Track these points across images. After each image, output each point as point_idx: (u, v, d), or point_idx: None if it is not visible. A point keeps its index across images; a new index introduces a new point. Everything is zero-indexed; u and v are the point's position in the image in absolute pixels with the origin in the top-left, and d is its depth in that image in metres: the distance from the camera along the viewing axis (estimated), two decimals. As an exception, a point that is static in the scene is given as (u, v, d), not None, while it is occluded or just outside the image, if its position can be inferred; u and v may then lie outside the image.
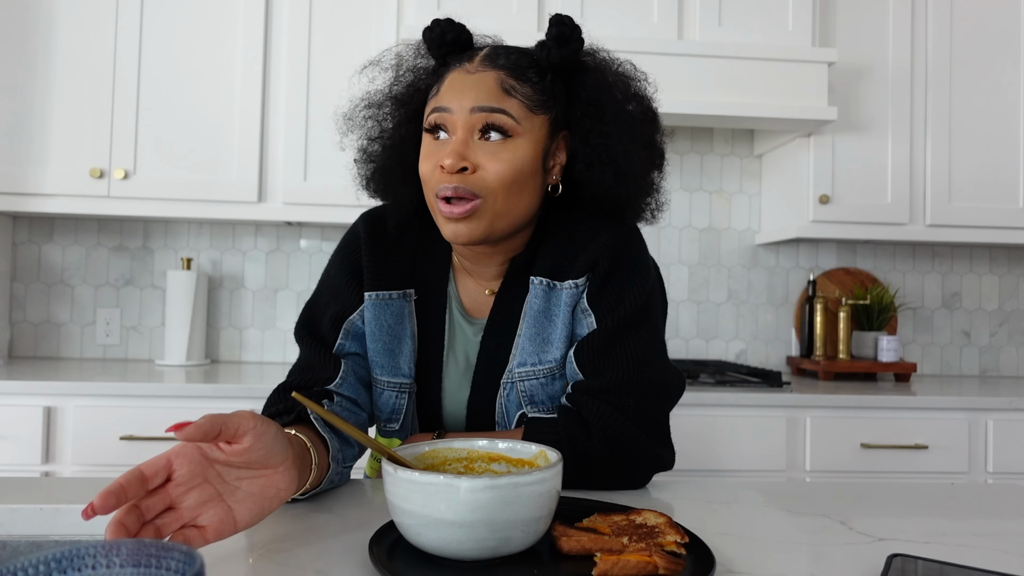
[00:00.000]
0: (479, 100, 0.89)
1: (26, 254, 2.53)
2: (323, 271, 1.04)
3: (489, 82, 0.90)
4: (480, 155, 0.89)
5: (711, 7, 2.33)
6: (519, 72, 0.92)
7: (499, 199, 0.89)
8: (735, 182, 2.74)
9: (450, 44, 0.95)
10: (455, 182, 0.88)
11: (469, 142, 0.89)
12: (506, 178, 0.89)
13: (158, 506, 0.60)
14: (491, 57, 0.93)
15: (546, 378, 0.95)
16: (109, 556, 0.42)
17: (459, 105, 0.89)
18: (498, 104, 0.89)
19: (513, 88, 0.91)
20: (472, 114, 0.89)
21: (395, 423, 0.98)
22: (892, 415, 2.11)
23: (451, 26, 0.96)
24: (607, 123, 0.95)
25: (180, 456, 0.61)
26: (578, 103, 0.95)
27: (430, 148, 0.92)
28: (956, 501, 0.89)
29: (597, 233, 0.96)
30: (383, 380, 0.97)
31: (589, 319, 0.94)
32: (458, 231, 0.90)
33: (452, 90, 0.91)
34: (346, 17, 2.28)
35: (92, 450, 1.94)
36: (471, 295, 1.02)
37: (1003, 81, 2.46)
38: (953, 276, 2.80)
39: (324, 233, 2.61)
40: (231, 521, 0.62)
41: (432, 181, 0.90)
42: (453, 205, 0.88)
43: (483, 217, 0.90)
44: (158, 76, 2.25)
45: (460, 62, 0.94)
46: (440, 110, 0.90)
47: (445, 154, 0.88)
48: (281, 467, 0.66)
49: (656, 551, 0.59)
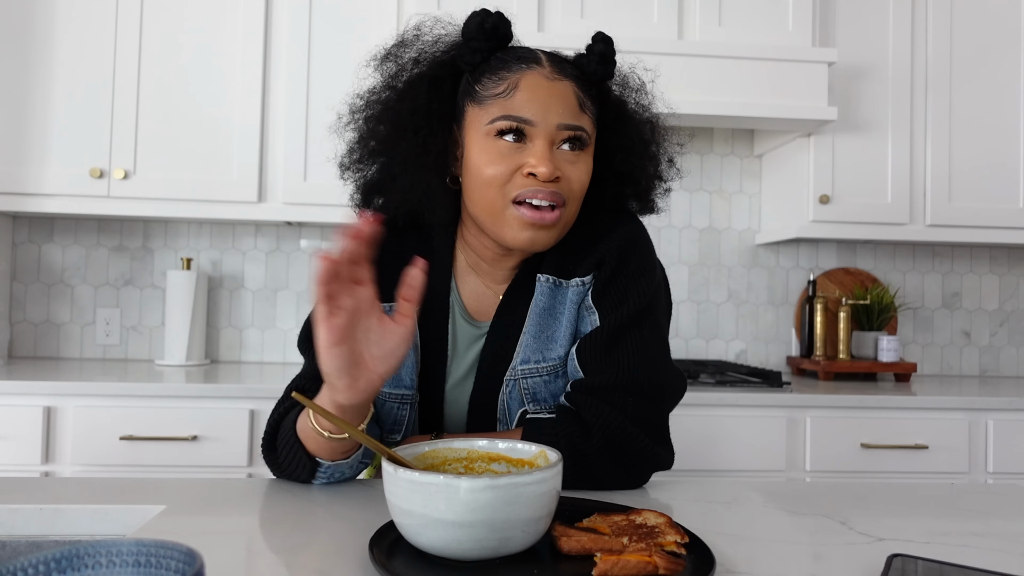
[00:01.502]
0: (564, 117, 0.90)
1: (26, 254, 2.53)
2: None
3: (569, 95, 0.91)
4: (562, 164, 0.90)
5: (711, 7, 2.33)
6: (585, 86, 0.93)
7: (574, 208, 0.92)
8: (735, 182, 2.74)
9: (500, 39, 0.94)
10: (551, 188, 0.88)
11: (552, 150, 0.90)
12: (584, 187, 0.92)
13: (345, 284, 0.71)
14: (558, 64, 0.93)
15: (549, 375, 0.95)
16: (109, 556, 0.42)
17: (544, 118, 0.89)
18: (578, 121, 0.91)
19: (584, 103, 0.92)
20: (557, 129, 0.89)
21: (397, 434, 0.98)
22: (892, 415, 2.11)
23: (503, 21, 0.94)
24: (636, 121, 1.00)
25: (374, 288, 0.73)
26: (608, 106, 0.98)
27: (503, 151, 0.89)
28: (956, 501, 0.89)
29: (605, 232, 0.97)
30: (385, 392, 0.96)
31: (593, 316, 0.95)
32: (539, 238, 0.90)
33: (535, 98, 0.89)
34: (346, 17, 2.28)
35: (92, 450, 1.94)
36: (475, 297, 1.01)
37: (1003, 81, 2.46)
38: (953, 276, 2.80)
39: (324, 233, 2.61)
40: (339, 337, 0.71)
41: (512, 186, 0.89)
42: (544, 212, 0.89)
43: (560, 224, 0.92)
44: (158, 76, 2.25)
45: (527, 62, 0.92)
46: (521, 120, 0.89)
47: (537, 161, 0.87)
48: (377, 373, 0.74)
49: (656, 551, 0.59)
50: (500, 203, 0.90)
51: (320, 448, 0.83)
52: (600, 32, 0.96)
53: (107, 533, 0.79)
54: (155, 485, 0.87)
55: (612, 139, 0.99)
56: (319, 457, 0.84)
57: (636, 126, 1.00)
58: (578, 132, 0.90)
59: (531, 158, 0.88)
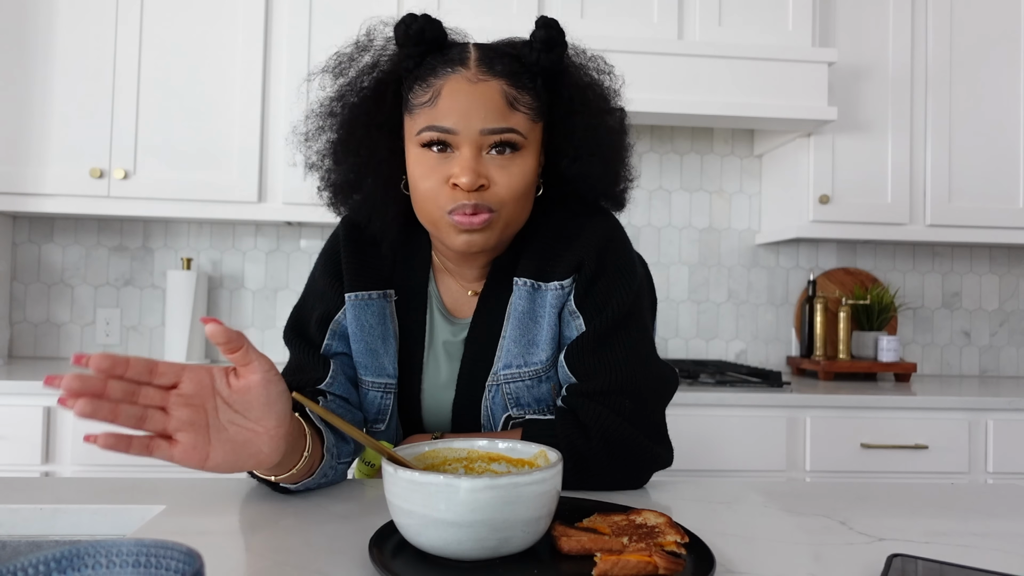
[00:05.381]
0: (488, 121, 0.86)
1: (26, 254, 2.53)
2: (309, 275, 1.04)
3: (494, 96, 0.87)
4: (491, 170, 0.88)
5: (711, 7, 2.33)
6: (518, 80, 0.89)
7: (510, 211, 0.90)
8: (735, 182, 2.74)
9: (429, 43, 0.91)
10: (474, 199, 0.86)
11: (479, 158, 0.87)
12: (517, 191, 0.89)
13: (154, 399, 0.63)
14: (487, 62, 0.89)
15: (532, 380, 0.95)
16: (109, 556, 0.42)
17: (466, 125, 0.86)
18: (506, 123, 0.87)
19: (516, 100, 0.88)
20: (482, 135, 0.87)
21: (381, 423, 0.98)
22: (892, 415, 2.11)
23: (430, 23, 0.90)
24: (591, 116, 0.95)
25: (193, 373, 0.65)
26: (560, 100, 0.94)
27: (431, 163, 0.88)
28: (956, 501, 0.89)
29: (580, 232, 0.96)
30: (367, 380, 0.97)
31: (577, 321, 0.94)
32: (472, 241, 0.89)
33: (455, 106, 0.86)
34: (346, 16, 2.28)
35: (92, 450, 1.94)
36: (452, 295, 1.02)
37: (1003, 81, 2.46)
38: (953, 276, 2.80)
39: (324, 233, 2.61)
40: (203, 455, 0.64)
41: (441, 198, 0.88)
42: (471, 216, 0.87)
43: (495, 228, 0.89)
44: (158, 76, 2.25)
45: (452, 65, 0.88)
46: (443, 130, 0.87)
47: (460, 171, 0.85)
48: (272, 430, 0.68)
49: (656, 551, 0.59)
50: (437, 213, 0.89)
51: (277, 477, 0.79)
52: (543, 16, 0.91)
53: (107, 533, 0.79)
54: (155, 485, 0.87)
55: (561, 136, 0.95)
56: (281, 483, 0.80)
57: (587, 120, 0.94)
58: (505, 135, 0.87)
59: (455, 167, 0.87)
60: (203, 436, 0.64)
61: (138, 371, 0.61)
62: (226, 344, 0.64)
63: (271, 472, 0.77)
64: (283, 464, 0.76)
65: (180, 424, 0.63)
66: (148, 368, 0.62)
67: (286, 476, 0.78)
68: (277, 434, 0.68)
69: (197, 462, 0.64)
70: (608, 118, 0.97)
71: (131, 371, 0.61)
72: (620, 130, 1.00)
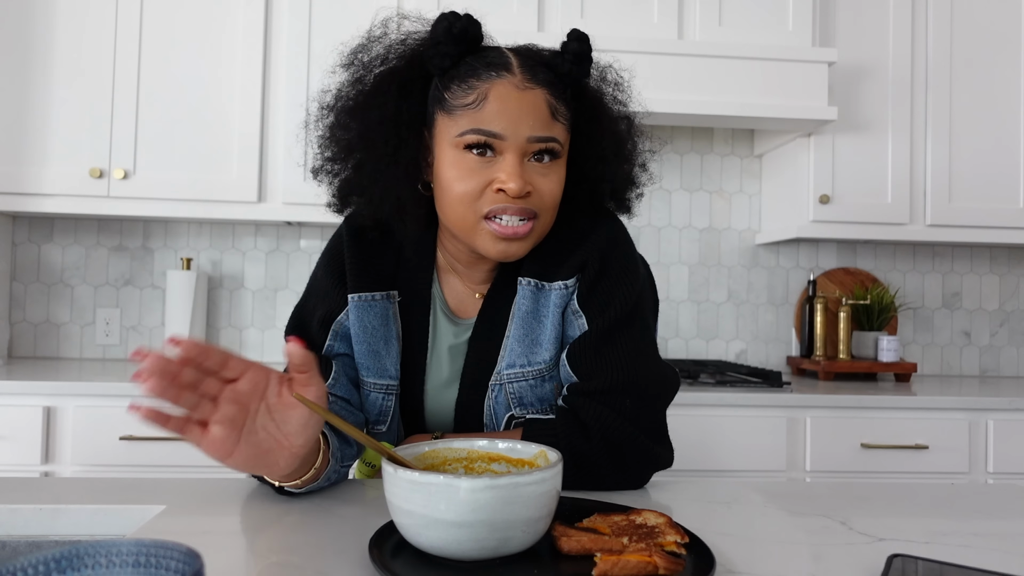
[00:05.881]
0: (535, 129, 0.87)
1: (26, 254, 2.53)
2: (311, 274, 1.04)
3: (540, 105, 0.87)
4: (533, 177, 0.88)
5: (711, 7, 2.33)
6: (558, 91, 0.90)
7: (548, 218, 0.91)
8: (735, 182, 2.74)
9: (471, 42, 0.90)
10: (520, 204, 0.87)
11: (523, 164, 0.88)
12: (557, 198, 0.90)
13: (211, 390, 0.65)
14: (531, 70, 0.89)
15: (535, 379, 0.95)
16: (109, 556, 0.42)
17: (515, 131, 0.86)
18: (550, 132, 0.88)
19: (557, 111, 0.89)
20: (528, 143, 0.87)
21: (383, 424, 0.98)
22: (892, 415, 2.10)
23: (472, 23, 0.90)
24: (612, 120, 0.97)
25: (254, 374, 0.67)
26: (583, 108, 0.95)
27: (471, 166, 0.87)
28: (956, 501, 0.89)
29: (585, 234, 0.96)
30: (369, 382, 0.97)
31: (580, 321, 0.94)
32: (511, 250, 0.89)
33: (505, 112, 0.86)
34: (347, 16, 2.28)
35: (92, 450, 1.94)
36: (457, 296, 1.01)
37: (1003, 81, 2.46)
38: (953, 276, 2.80)
39: (324, 233, 2.61)
40: (228, 451, 0.66)
41: (482, 202, 0.87)
42: (516, 227, 0.87)
43: (533, 236, 0.90)
44: (158, 76, 2.25)
45: (497, 69, 0.88)
46: (490, 135, 0.86)
47: (507, 177, 0.85)
48: (296, 449, 0.70)
49: (656, 551, 0.59)
50: (472, 218, 0.88)
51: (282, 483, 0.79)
52: (575, 29, 0.91)
53: (107, 533, 0.79)
54: (155, 485, 0.87)
55: (585, 140, 0.96)
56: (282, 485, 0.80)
57: (610, 125, 0.97)
58: (549, 144, 0.88)
59: (501, 173, 0.86)
60: (235, 433, 0.66)
61: (214, 362, 0.65)
62: (301, 365, 0.67)
63: (278, 480, 0.78)
64: (291, 476, 0.77)
65: (222, 417, 0.65)
66: (222, 361, 0.65)
67: (292, 485, 0.79)
68: (299, 453, 0.71)
69: (221, 455, 0.66)
70: (626, 122, 0.99)
71: (208, 361, 0.65)
72: (638, 133, 1.02)
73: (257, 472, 0.70)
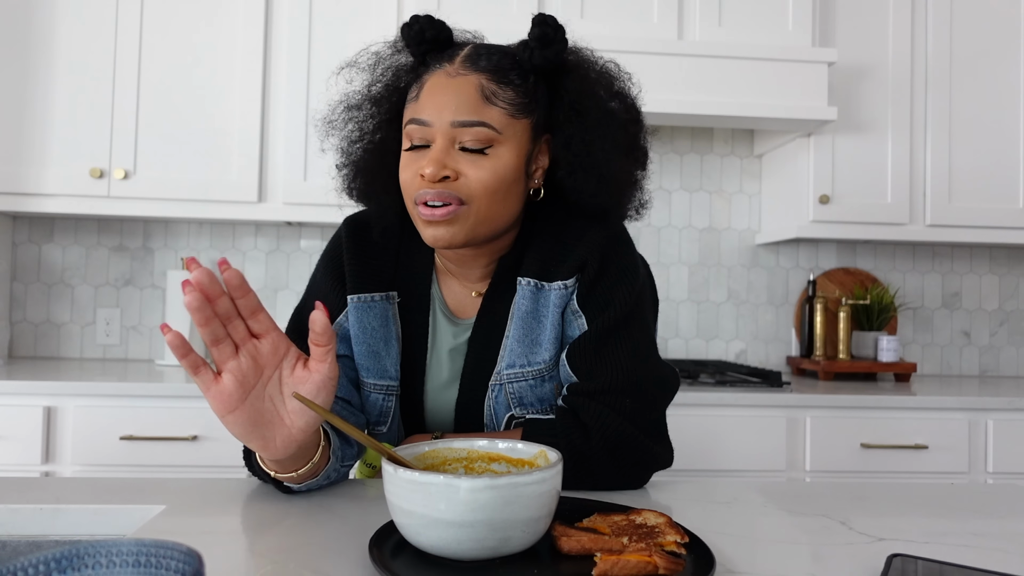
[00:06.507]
0: (459, 113, 0.87)
1: (26, 254, 2.53)
2: (310, 276, 1.04)
3: (469, 90, 0.88)
4: (461, 163, 0.88)
5: (711, 7, 2.33)
6: (501, 75, 0.89)
7: (482, 206, 0.88)
8: (735, 182, 2.74)
9: (429, 42, 0.93)
10: (436, 188, 0.87)
11: (450, 151, 0.88)
12: (489, 186, 0.88)
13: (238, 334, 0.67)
14: (472, 58, 0.90)
15: (535, 379, 0.95)
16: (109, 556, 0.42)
17: (438, 118, 0.87)
18: (478, 116, 0.87)
19: (495, 94, 0.88)
20: (452, 128, 0.87)
21: (383, 426, 0.98)
22: (892, 415, 2.11)
23: (431, 24, 0.93)
24: (589, 128, 0.92)
25: (277, 338, 0.69)
26: (561, 105, 0.93)
27: (410, 156, 0.90)
28: (956, 501, 0.89)
29: (585, 233, 0.96)
30: (369, 383, 0.97)
31: (580, 321, 0.94)
32: (438, 235, 0.89)
33: (432, 99, 0.88)
34: (346, 16, 2.28)
35: (92, 450, 1.94)
36: (456, 296, 1.01)
37: (1003, 81, 2.46)
38: (953, 276, 2.80)
39: (324, 233, 2.61)
40: (231, 406, 0.67)
41: (411, 189, 0.89)
42: (434, 209, 0.87)
43: (465, 222, 0.88)
44: (158, 76, 2.25)
45: (440, 62, 0.91)
46: (418, 122, 0.89)
47: (425, 163, 0.86)
48: (295, 430, 0.71)
49: (656, 551, 0.59)
50: (411, 207, 0.91)
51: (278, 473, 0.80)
52: (540, 14, 0.90)
53: (107, 533, 0.79)
54: (155, 485, 0.87)
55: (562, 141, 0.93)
56: (284, 481, 0.81)
57: (587, 131, 0.92)
58: (475, 129, 0.87)
59: (423, 159, 0.88)
60: (242, 392, 0.67)
61: (245, 305, 0.67)
62: (322, 335, 0.68)
63: (273, 467, 0.78)
64: (287, 464, 0.77)
65: (236, 369, 0.67)
66: (253, 309, 0.68)
67: (288, 476, 0.79)
68: (297, 435, 0.71)
69: (222, 409, 0.67)
70: (613, 134, 0.94)
71: (243, 300, 0.67)
72: (629, 150, 0.97)
73: (250, 443, 0.70)
